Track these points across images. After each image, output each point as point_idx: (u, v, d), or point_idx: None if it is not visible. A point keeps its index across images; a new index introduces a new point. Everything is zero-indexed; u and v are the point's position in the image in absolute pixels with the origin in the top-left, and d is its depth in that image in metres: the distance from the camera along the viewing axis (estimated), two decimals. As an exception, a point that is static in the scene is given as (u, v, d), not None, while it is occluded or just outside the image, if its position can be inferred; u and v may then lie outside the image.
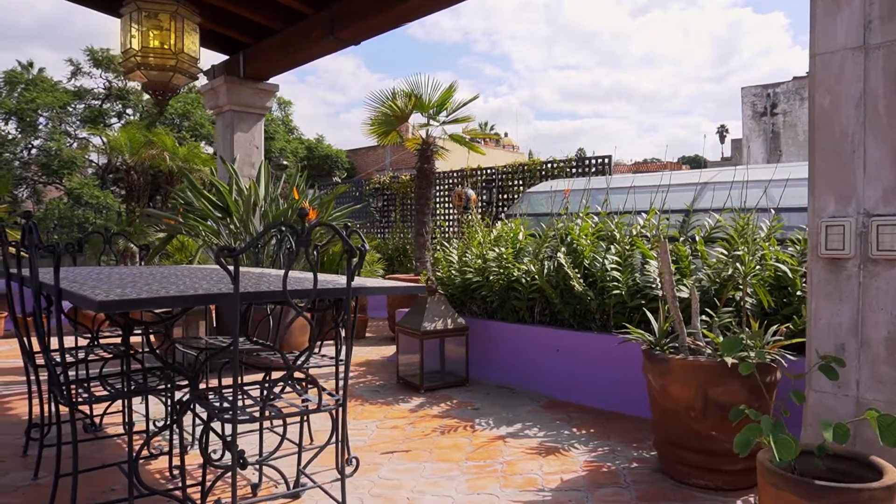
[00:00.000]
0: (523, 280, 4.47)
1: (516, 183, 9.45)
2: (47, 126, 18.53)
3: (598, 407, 3.92)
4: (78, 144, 18.99)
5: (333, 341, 2.69)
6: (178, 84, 4.39)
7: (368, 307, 7.82)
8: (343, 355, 2.52)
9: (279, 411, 2.22)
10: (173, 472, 2.78)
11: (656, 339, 2.95)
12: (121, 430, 3.43)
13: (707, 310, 3.34)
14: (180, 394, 2.84)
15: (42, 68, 19.63)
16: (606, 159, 8.36)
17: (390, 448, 3.21)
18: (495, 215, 9.21)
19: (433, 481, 2.77)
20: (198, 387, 2.34)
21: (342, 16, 5.30)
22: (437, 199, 10.47)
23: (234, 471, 2.04)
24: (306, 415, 2.36)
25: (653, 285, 3.80)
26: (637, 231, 4.27)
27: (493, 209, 9.47)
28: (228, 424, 2.89)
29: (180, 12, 4.33)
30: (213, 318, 5.06)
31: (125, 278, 2.60)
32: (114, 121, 19.84)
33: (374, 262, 7.46)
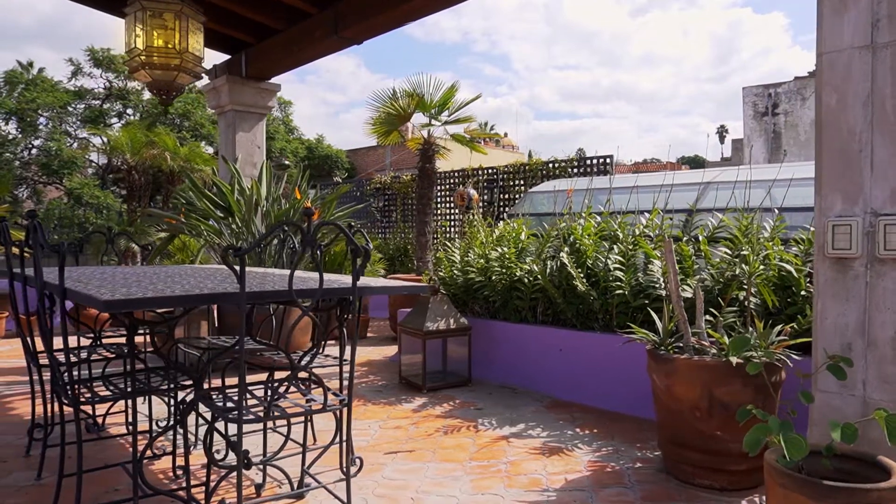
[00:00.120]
0: (526, 280, 4.46)
1: (517, 183, 9.44)
2: (47, 126, 18.53)
3: (602, 407, 3.91)
4: (78, 144, 18.99)
5: (335, 341, 2.68)
6: (182, 83, 4.38)
7: (370, 307, 7.82)
8: (347, 355, 2.51)
9: (284, 411, 2.22)
10: (176, 473, 2.78)
11: (661, 338, 2.94)
12: (122, 430, 3.42)
13: (711, 309, 3.33)
14: (183, 394, 2.84)
15: (42, 68, 19.64)
16: (608, 159, 8.35)
17: (394, 448, 3.21)
18: (497, 215, 9.21)
19: (437, 481, 2.76)
20: (202, 387, 2.33)
21: (346, 14, 5.29)
22: (439, 199, 10.47)
23: (240, 471, 2.04)
24: (311, 415, 2.35)
25: (656, 285, 3.79)
26: (640, 231, 4.26)
27: (494, 209, 9.46)
28: (232, 424, 2.89)
29: (185, 11, 4.32)
30: (214, 318, 5.05)
31: (129, 278, 2.60)
32: (114, 121, 19.83)
33: (375, 262, 7.46)
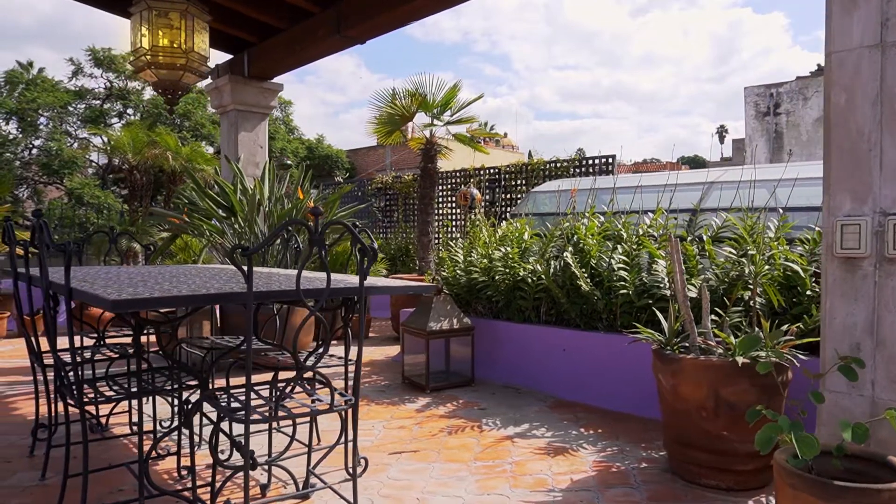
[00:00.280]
0: (529, 280, 4.45)
1: (519, 183, 9.44)
2: (48, 126, 18.51)
3: (605, 407, 3.90)
4: (79, 144, 18.98)
5: (338, 341, 2.67)
6: (188, 83, 4.37)
7: (371, 307, 7.81)
8: (353, 355, 2.50)
9: (290, 412, 2.21)
10: (181, 473, 2.77)
11: (666, 338, 2.93)
12: (126, 430, 3.41)
13: (716, 309, 3.33)
14: (187, 394, 2.83)
15: (42, 68, 19.62)
16: (610, 159, 8.34)
17: (398, 448, 3.20)
18: (498, 215, 9.20)
19: (442, 482, 2.76)
20: (208, 387, 2.32)
21: (349, 14, 5.28)
22: (441, 199, 10.46)
23: (247, 471, 2.03)
24: (317, 415, 2.35)
25: (660, 285, 3.78)
26: (644, 230, 4.25)
27: (496, 209, 9.45)
28: (237, 424, 2.88)
29: (190, 11, 4.31)
30: (217, 318, 5.05)
31: (134, 277, 2.59)
32: (114, 121, 19.81)
33: (377, 262, 7.45)
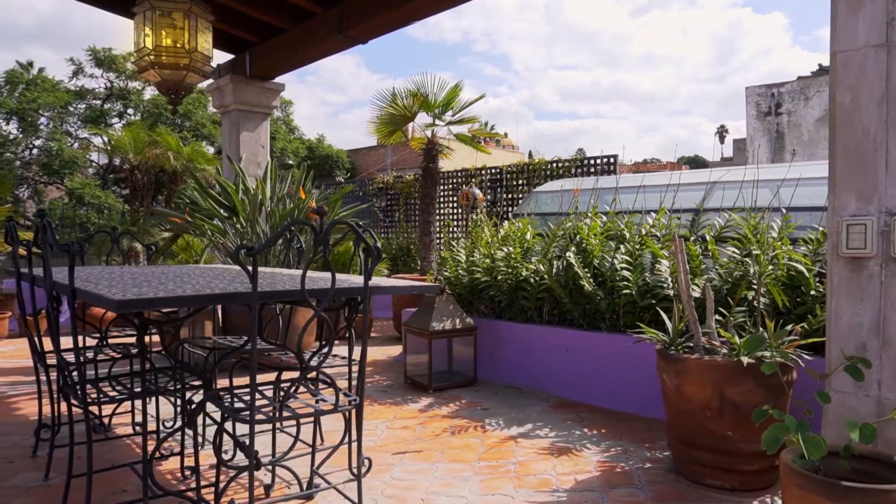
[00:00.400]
0: (532, 280, 4.45)
1: (520, 183, 9.43)
2: (48, 126, 18.50)
3: (608, 407, 3.90)
4: (79, 144, 18.97)
5: (340, 340, 2.67)
6: (191, 83, 4.36)
7: (373, 306, 7.80)
8: (356, 355, 2.50)
9: (294, 412, 2.20)
10: (184, 473, 2.76)
11: (671, 338, 2.93)
12: (128, 430, 3.41)
13: (720, 309, 3.32)
14: (190, 394, 2.83)
15: (42, 68, 19.59)
16: (612, 159, 8.34)
17: (401, 448, 3.19)
18: (500, 215, 9.19)
19: (446, 482, 2.75)
20: (212, 387, 2.32)
21: (351, 14, 5.28)
22: (442, 199, 10.45)
23: (252, 472, 2.02)
24: (322, 415, 2.34)
25: (664, 285, 3.78)
26: (647, 230, 4.25)
27: (497, 209, 9.45)
28: (240, 424, 2.88)
29: (194, 10, 4.30)
30: (219, 318, 5.04)
31: (138, 278, 2.58)
32: (115, 120, 19.80)
33: (379, 262, 7.44)
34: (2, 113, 17.82)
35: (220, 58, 6.96)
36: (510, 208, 9.32)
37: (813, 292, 3.29)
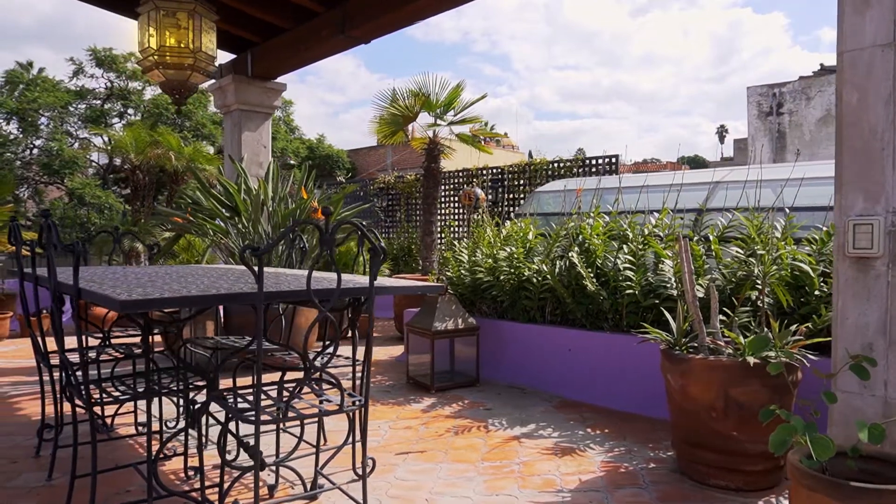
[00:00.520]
0: (534, 280, 4.44)
1: (521, 182, 9.43)
2: (48, 126, 18.49)
3: (611, 407, 3.89)
4: (79, 144, 18.96)
5: (343, 341, 2.66)
6: (195, 83, 4.36)
7: (374, 307, 7.79)
8: (360, 355, 2.49)
9: (299, 412, 2.20)
10: (188, 473, 2.76)
11: (675, 338, 2.92)
12: (130, 430, 3.40)
13: (724, 309, 3.31)
14: (194, 394, 2.82)
15: (42, 68, 19.58)
16: (614, 159, 8.33)
17: (405, 449, 3.19)
18: (502, 215, 9.19)
19: (450, 482, 2.75)
20: (216, 387, 2.31)
21: (353, 14, 5.27)
22: (443, 199, 10.45)
23: (257, 472, 2.02)
24: (326, 416, 2.34)
25: (667, 285, 3.77)
26: (649, 230, 4.24)
27: (499, 209, 9.45)
28: (244, 425, 2.87)
29: (198, 10, 4.29)
30: (221, 318, 5.04)
31: (142, 278, 2.58)
32: (115, 120, 19.80)
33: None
34: (2, 113, 17.81)
35: (222, 57, 6.96)
36: (512, 208, 9.31)
37: (817, 292, 3.29)
